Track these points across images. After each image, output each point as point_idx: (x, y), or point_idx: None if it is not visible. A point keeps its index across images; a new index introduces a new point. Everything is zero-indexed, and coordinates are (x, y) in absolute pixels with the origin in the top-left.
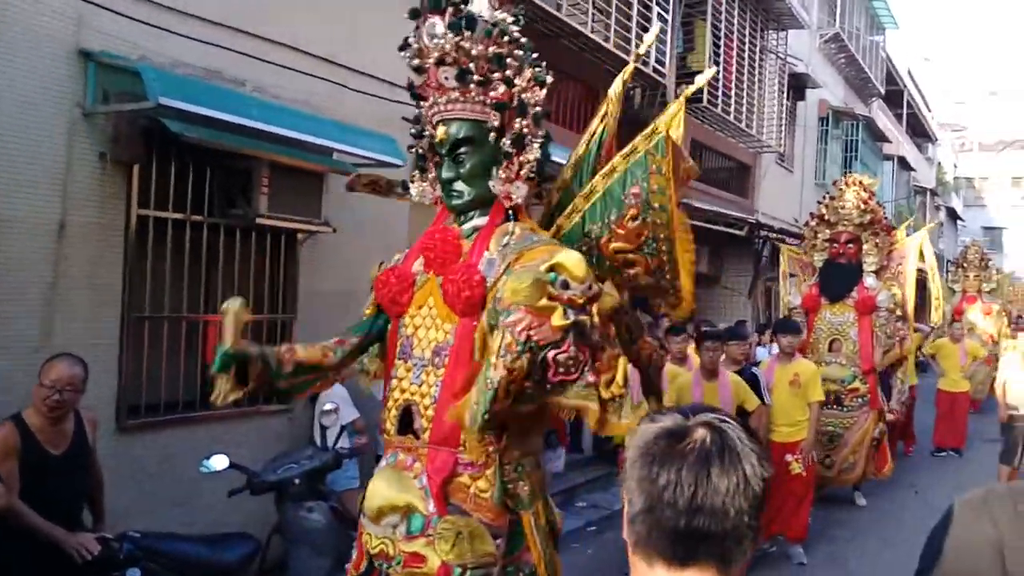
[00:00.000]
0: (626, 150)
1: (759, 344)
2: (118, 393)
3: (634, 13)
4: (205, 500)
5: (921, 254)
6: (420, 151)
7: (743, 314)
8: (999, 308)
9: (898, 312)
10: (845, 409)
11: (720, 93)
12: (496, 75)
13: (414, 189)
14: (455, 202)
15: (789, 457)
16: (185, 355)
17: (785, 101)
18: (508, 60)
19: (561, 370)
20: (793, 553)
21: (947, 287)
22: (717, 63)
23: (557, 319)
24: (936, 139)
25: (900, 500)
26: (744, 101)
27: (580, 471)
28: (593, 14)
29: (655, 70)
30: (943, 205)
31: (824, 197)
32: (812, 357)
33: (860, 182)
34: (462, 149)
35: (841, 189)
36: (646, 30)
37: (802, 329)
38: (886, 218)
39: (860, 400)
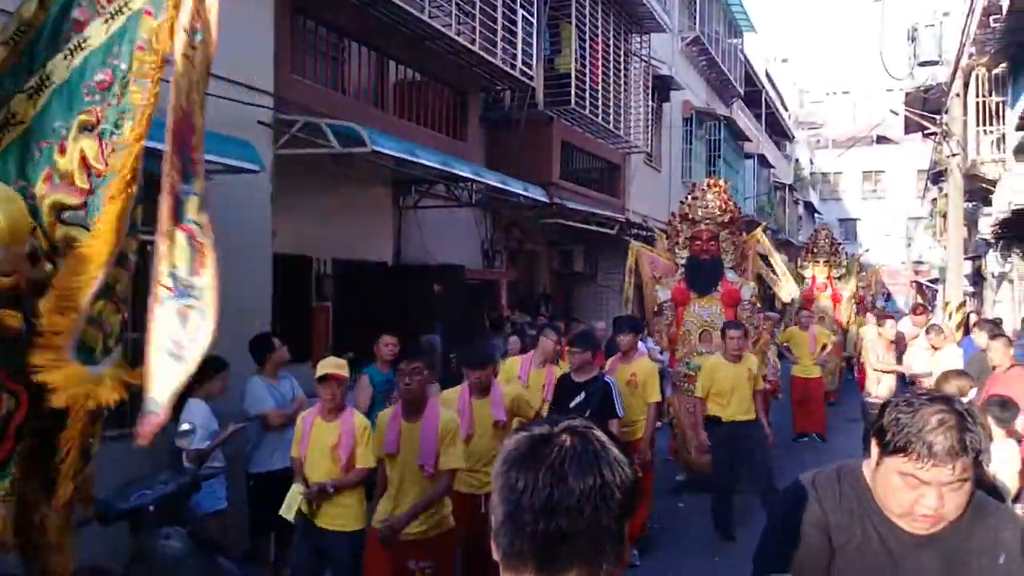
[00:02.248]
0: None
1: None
2: None
3: (499, 16)
4: None
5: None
6: None
7: (618, 311)
8: (850, 295)
9: (757, 304)
10: None
11: (588, 95)
12: None
13: None
14: None
15: None
16: None
17: (650, 102)
18: None
19: None
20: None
21: (797, 274)
22: (584, 65)
23: None
24: (793, 137)
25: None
26: (611, 103)
27: None
28: (458, 16)
29: (523, 72)
30: (801, 199)
31: (686, 197)
32: (684, 348)
33: (719, 184)
34: None
35: (703, 190)
36: (512, 32)
37: (641, 327)
38: (743, 217)
39: None
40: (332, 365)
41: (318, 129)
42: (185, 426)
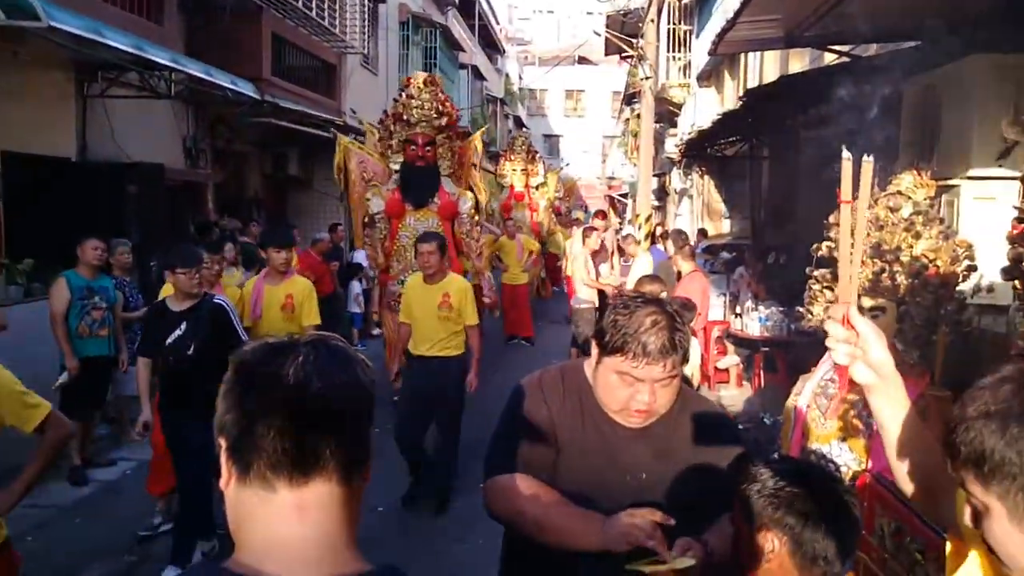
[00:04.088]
0: None
1: (355, 248)
2: None
3: None
4: None
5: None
6: None
7: (337, 217)
8: (547, 204)
9: (476, 217)
10: None
11: None
12: None
13: None
14: None
15: None
16: None
17: (367, 2)
18: None
19: None
20: None
21: (497, 183)
22: None
23: None
24: (504, 51)
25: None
26: None
27: None
28: None
29: None
30: (511, 114)
31: (400, 95)
32: (399, 265)
33: (435, 81)
34: None
35: (419, 87)
36: None
37: (296, 241)
38: (461, 126)
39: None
40: None
41: None
42: None
